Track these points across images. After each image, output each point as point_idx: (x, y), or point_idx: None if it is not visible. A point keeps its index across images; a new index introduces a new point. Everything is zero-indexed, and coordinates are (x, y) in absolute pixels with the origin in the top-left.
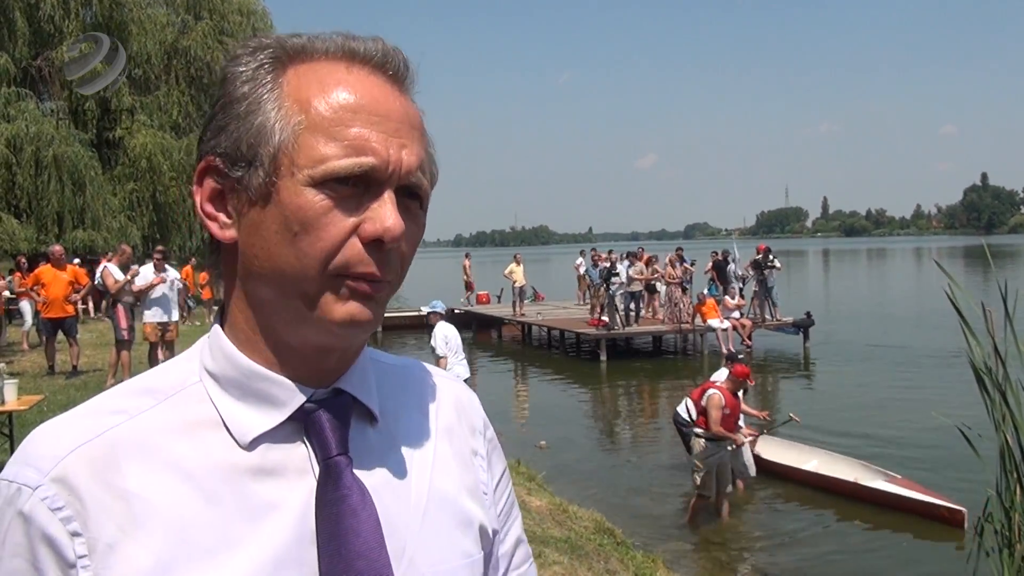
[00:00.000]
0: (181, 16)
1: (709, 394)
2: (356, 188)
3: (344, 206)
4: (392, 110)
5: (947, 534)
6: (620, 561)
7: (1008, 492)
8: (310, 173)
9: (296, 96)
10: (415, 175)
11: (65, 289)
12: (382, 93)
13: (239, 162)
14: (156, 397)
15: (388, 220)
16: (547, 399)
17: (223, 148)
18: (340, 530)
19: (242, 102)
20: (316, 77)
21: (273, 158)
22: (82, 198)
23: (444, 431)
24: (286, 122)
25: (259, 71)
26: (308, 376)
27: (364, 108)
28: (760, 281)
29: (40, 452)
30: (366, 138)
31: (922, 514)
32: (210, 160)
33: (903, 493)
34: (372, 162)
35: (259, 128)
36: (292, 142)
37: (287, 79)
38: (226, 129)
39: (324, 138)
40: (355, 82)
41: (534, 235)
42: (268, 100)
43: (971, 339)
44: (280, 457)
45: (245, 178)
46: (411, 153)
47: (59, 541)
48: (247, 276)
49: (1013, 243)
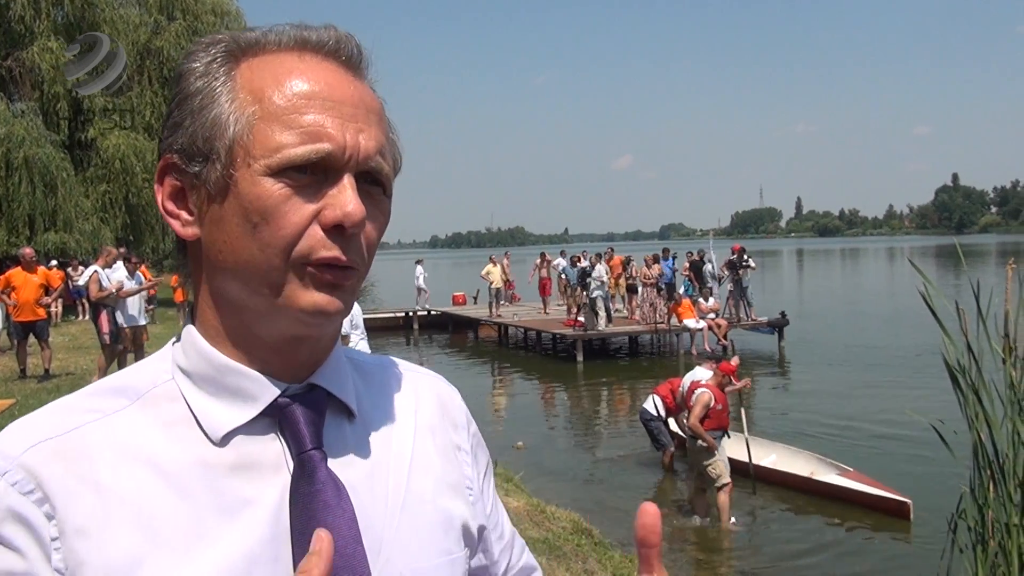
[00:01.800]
0: (154, 16)
1: (699, 393)
2: (315, 176)
3: (303, 194)
4: (347, 95)
5: (897, 526)
6: (598, 561)
7: (981, 489)
8: (266, 163)
9: (249, 87)
10: (374, 160)
11: (36, 292)
12: (336, 79)
13: (196, 157)
14: (129, 397)
15: (348, 205)
16: (524, 400)
17: (180, 145)
18: (314, 525)
19: (196, 97)
20: (269, 67)
21: (229, 150)
22: (54, 200)
23: (425, 427)
24: (240, 113)
25: (212, 65)
26: (281, 370)
27: (318, 95)
28: (735, 281)
29: (9, 442)
30: (321, 124)
31: (871, 506)
32: (168, 158)
33: (852, 486)
34: (328, 148)
35: (213, 121)
36: (247, 133)
37: (240, 72)
38: (182, 125)
39: (279, 127)
40: (308, 69)
41: (510, 236)
42: (222, 93)
43: (945, 338)
44: (254, 452)
45: (203, 173)
46: (369, 138)
47: (33, 520)
48: (213, 272)
49: (983, 243)
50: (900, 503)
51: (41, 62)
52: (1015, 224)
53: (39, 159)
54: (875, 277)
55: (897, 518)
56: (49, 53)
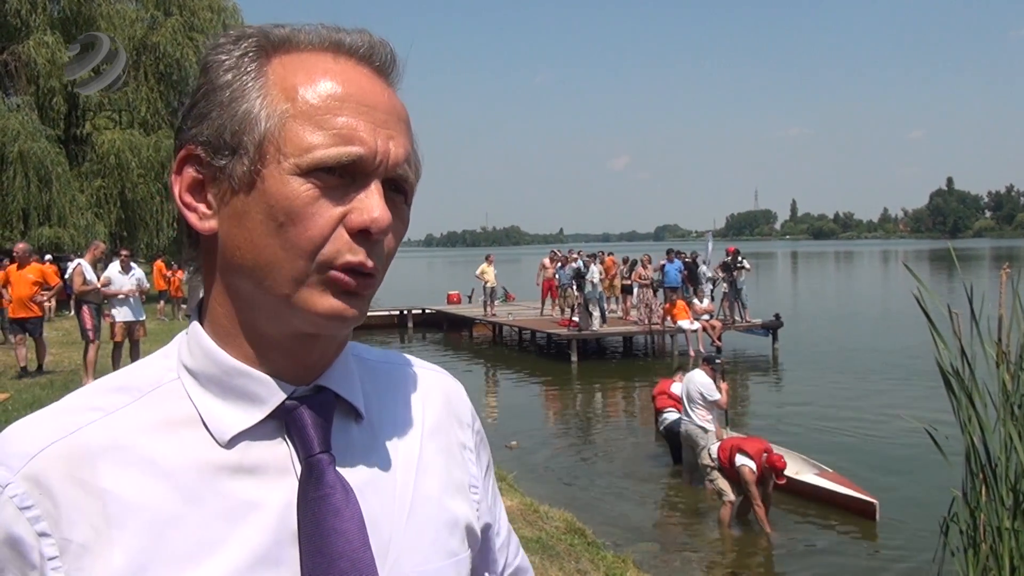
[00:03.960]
0: (150, 12)
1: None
2: (343, 178)
3: (331, 196)
4: (379, 102)
5: (864, 525)
6: (591, 561)
7: (974, 492)
8: (296, 162)
9: (282, 85)
10: (402, 167)
11: (29, 289)
12: (369, 84)
13: (222, 150)
14: (132, 395)
15: (375, 211)
16: (518, 399)
17: (205, 136)
18: (322, 530)
19: (225, 90)
20: (303, 66)
21: (259, 146)
22: (48, 194)
23: (431, 427)
24: (272, 110)
25: (243, 59)
26: (290, 372)
27: (352, 98)
28: (730, 282)
29: (11, 450)
30: (354, 127)
31: (841, 506)
32: (191, 148)
33: (825, 485)
34: (360, 151)
35: (244, 116)
36: (278, 130)
37: (272, 68)
38: (208, 116)
39: (311, 127)
40: (342, 72)
41: (505, 235)
42: (252, 88)
43: (938, 342)
44: (261, 455)
45: (228, 167)
46: (398, 145)
47: (24, 541)
48: (227, 268)
49: (977, 247)
50: (867, 503)
51: (37, 56)
52: (1009, 229)
53: (34, 153)
54: (869, 280)
55: (864, 518)
56: (45, 48)
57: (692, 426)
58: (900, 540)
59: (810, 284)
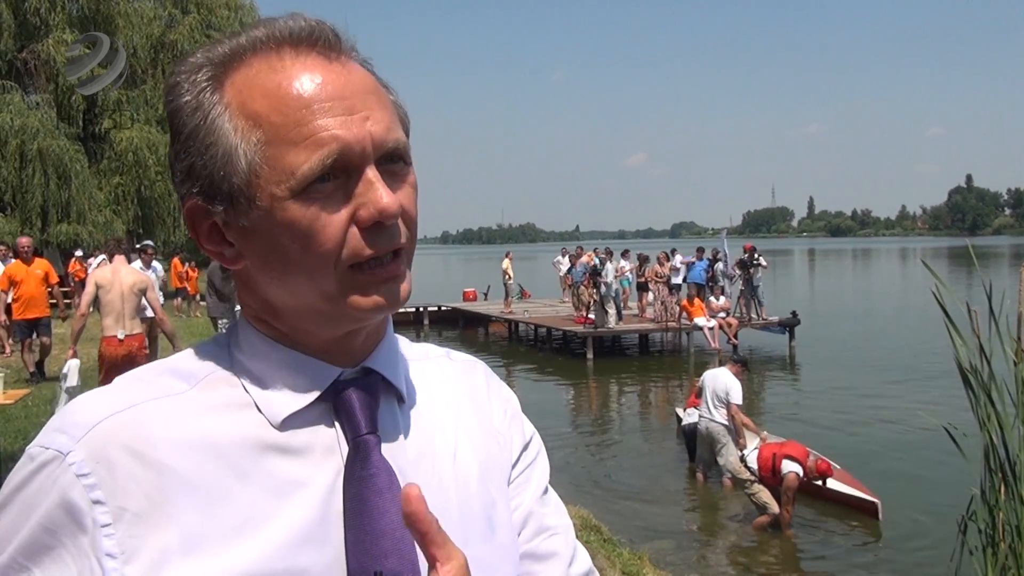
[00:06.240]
0: (168, 10)
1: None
2: (337, 179)
3: (333, 202)
4: (338, 87)
5: (867, 523)
6: (607, 558)
7: (992, 491)
8: (288, 186)
9: (244, 112)
10: (390, 140)
11: (39, 286)
12: (324, 73)
13: (217, 198)
14: (189, 381)
15: (381, 200)
16: (534, 396)
17: (199, 188)
18: (367, 508)
19: (198, 135)
20: (256, 83)
21: (247, 184)
22: (67, 192)
23: (468, 412)
24: (247, 143)
25: (202, 96)
26: (337, 356)
27: (314, 98)
28: (746, 280)
29: (74, 420)
30: (326, 127)
31: (846, 504)
32: (192, 203)
33: (829, 484)
34: (339, 149)
35: (224, 158)
36: (261, 162)
37: (230, 97)
38: (193, 168)
39: (286, 146)
40: (293, 72)
41: (521, 232)
42: (221, 125)
43: (957, 339)
44: (309, 436)
45: (229, 211)
46: (376, 122)
47: (78, 507)
48: (267, 289)
49: (997, 244)
50: (868, 502)
51: (56, 55)
52: None
53: (53, 151)
54: (887, 278)
55: (869, 516)
56: (64, 46)
57: (713, 423)
58: (908, 538)
59: (827, 282)
